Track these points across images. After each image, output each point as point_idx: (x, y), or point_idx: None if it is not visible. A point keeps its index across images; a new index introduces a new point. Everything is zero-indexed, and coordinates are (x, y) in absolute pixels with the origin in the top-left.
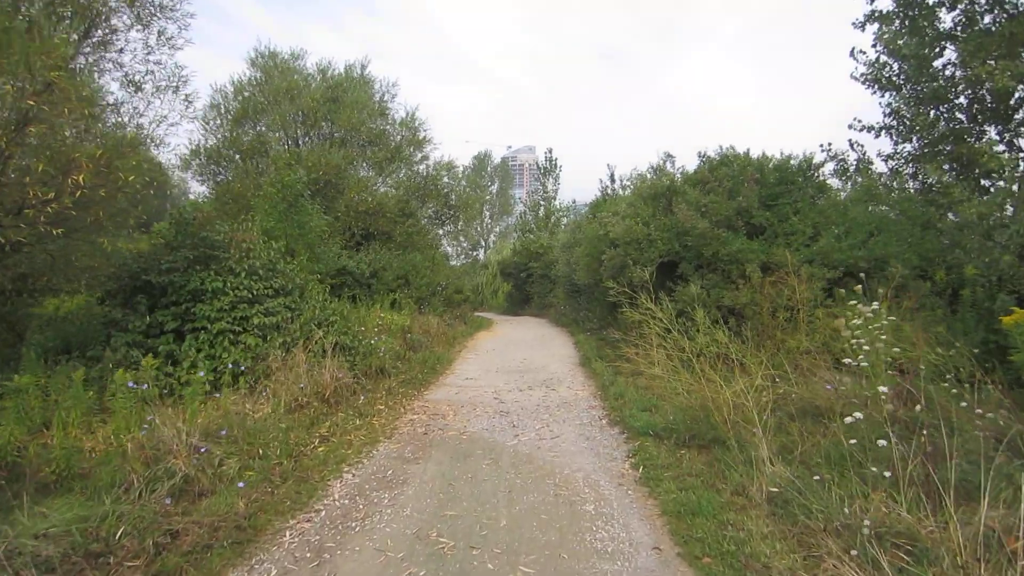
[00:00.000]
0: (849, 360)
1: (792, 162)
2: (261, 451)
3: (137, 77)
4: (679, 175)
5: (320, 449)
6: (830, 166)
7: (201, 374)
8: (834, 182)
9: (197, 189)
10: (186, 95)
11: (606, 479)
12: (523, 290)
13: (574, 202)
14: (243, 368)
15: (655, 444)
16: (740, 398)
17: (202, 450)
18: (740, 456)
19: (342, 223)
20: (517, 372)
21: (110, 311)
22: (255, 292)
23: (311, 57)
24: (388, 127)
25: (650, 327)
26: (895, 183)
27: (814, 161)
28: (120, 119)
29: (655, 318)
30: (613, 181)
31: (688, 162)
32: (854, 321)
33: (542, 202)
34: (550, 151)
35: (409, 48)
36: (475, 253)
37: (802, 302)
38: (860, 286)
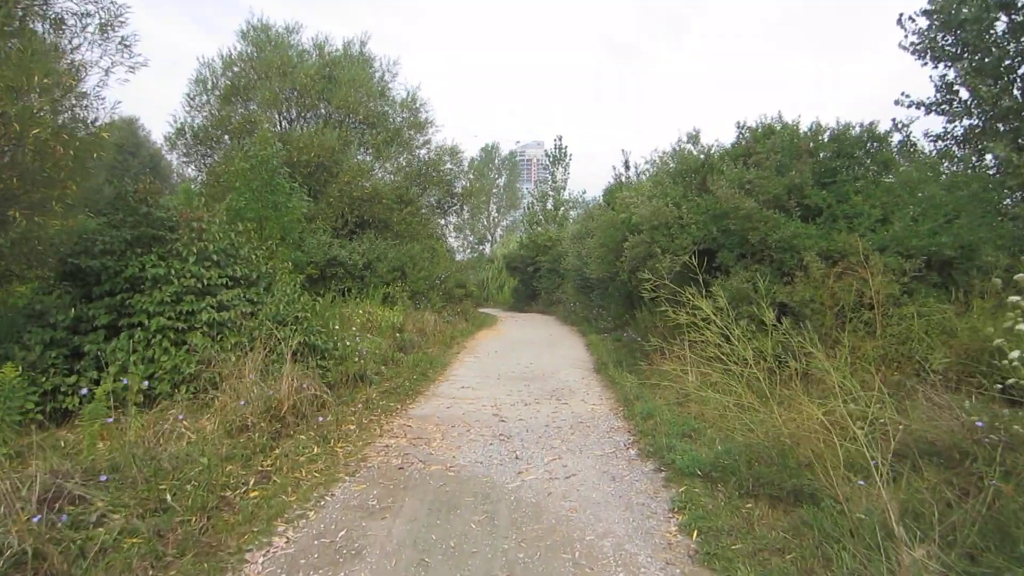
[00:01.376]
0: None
1: (851, 132)
2: (169, 497)
3: (66, 17)
4: (715, 149)
5: (254, 494)
6: (897, 137)
7: (124, 382)
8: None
9: (191, 173)
10: (122, 37)
11: (647, 552)
12: (530, 285)
13: (584, 193)
14: (185, 375)
15: (707, 490)
16: (833, 427)
17: (62, 517)
18: (845, 522)
19: (335, 209)
20: (522, 380)
21: (32, 302)
22: (207, 281)
23: (307, 31)
24: (388, 108)
25: (691, 329)
26: (949, 163)
27: (877, 131)
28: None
29: (700, 319)
30: (628, 168)
31: (713, 143)
32: (1021, 326)
33: (550, 193)
34: (559, 138)
35: (418, 42)
36: (481, 247)
37: (879, 298)
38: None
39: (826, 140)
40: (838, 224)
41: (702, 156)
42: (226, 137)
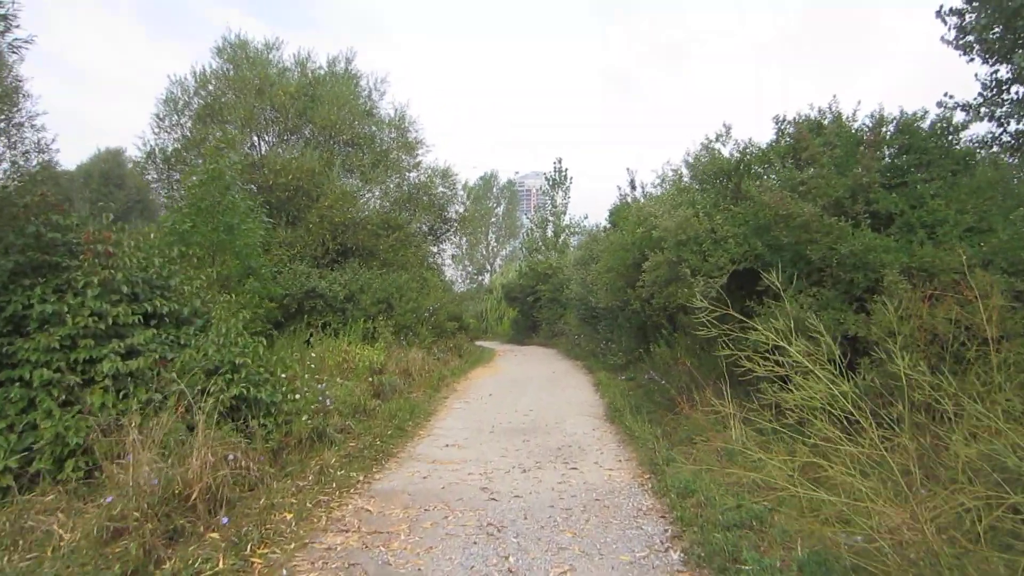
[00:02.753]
0: None
1: (920, 124)
2: None
3: None
4: (750, 151)
5: None
6: (981, 128)
7: None
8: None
9: (162, 200)
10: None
11: None
12: (530, 316)
13: (586, 218)
14: (72, 447)
15: None
16: None
17: None
18: None
19: (315, 236)
20: (520, 433)
21: None
22: (112, 320)
23: (289, 47)
24: (375, 128)
25: (735, 368)
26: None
27: (954, 121)
28: None
29: (757, 356)
30: (634, 187)
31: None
32: None
33: (550, 218)
34: (559, 161)
35: (414, 73)
36: (480, 278)
37: (993, 328)
38: None
39: (891, 133)
40: (916, 234)
41: (735, 155)
42: (200, 161)
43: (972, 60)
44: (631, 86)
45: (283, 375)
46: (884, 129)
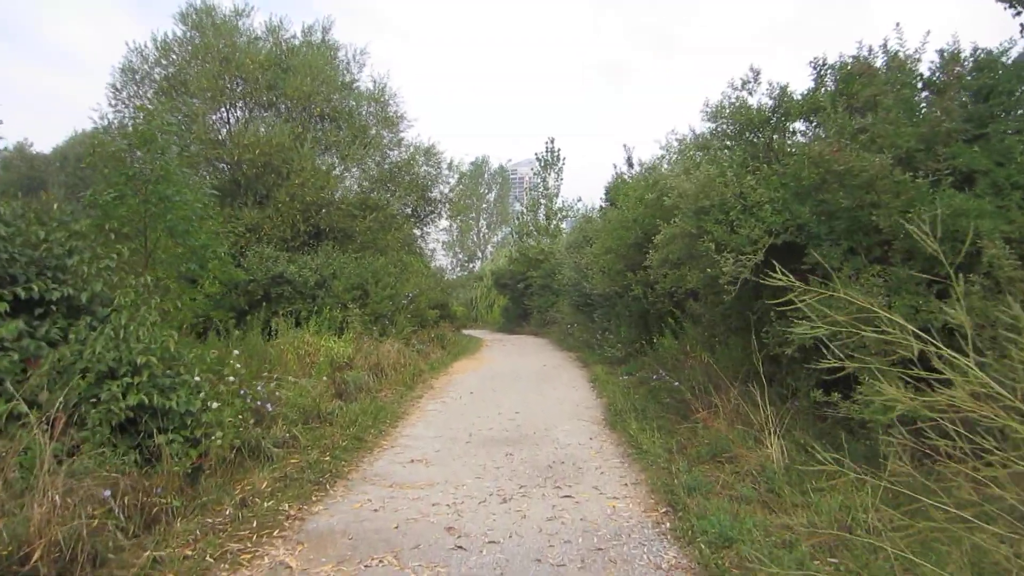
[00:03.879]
0: None
1: (1004, 59)
2: None
3: None
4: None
5: None
6: None
7: None
8: None
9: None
10: None
11: None
12: (521, 304)
13: (579, 200)
14: None
15: None
16: None
17: None
18: None
19: (285, 217)
20: (502, 443)
21: None
22: None
23: (259, 16)
24: (354, 103)
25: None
26: None
27: None
28: None
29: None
30: (631, 165)
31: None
32: None
33: (542, 200)
34: (551, 140)
35: (407, 59)
36: (471, 265)
37: None
38: None
39: (967, 74)
40: (1008, 197)
41: (767, 103)
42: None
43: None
44: (624, 75)
45: (198, 376)
46: (958, 68)
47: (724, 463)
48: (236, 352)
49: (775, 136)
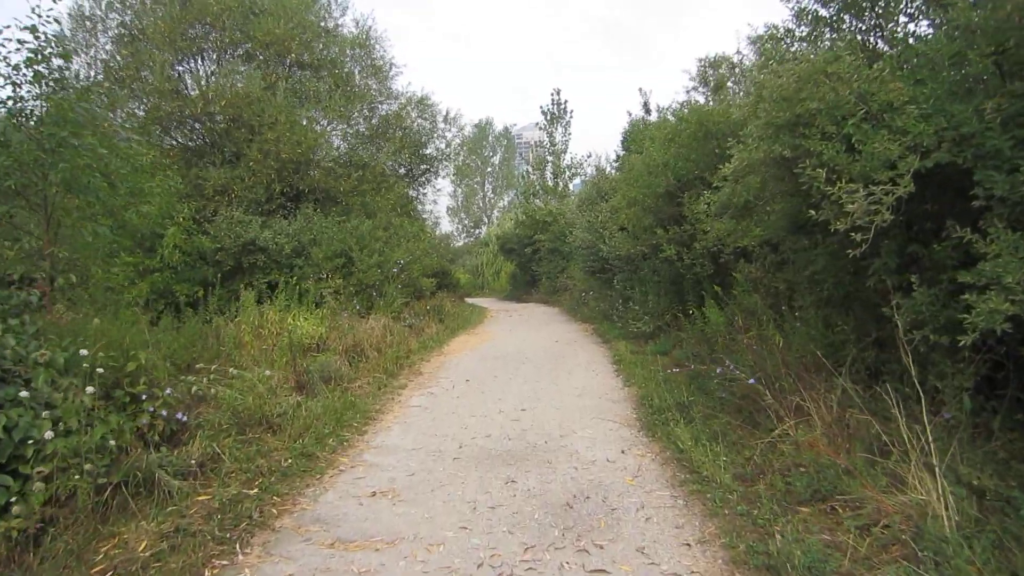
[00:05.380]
0: None
1: None
2: None
3: None
4: None
5: None
6: None
7: None
8: None
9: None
10: None
11: None
12: (528, 270)
13: (589, 156)
14: None
15: None
16: None
17: None
18: None
19: (258, 177)
20: (502, 462)
21: None
22: None
23: None
24: (336, 50)
25: None
26: None
27: None
28: None
29: None
30: (648, 111)
31: None
32: None
33: (549, 158)
34: (558, 92)
35: (406, 24)
36: (477, 231)
37: None
38: None
39: None
40: None
41: None
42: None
43: None
44: (630, 38)
45: (44, 384)
46: None
47: (839, 509)
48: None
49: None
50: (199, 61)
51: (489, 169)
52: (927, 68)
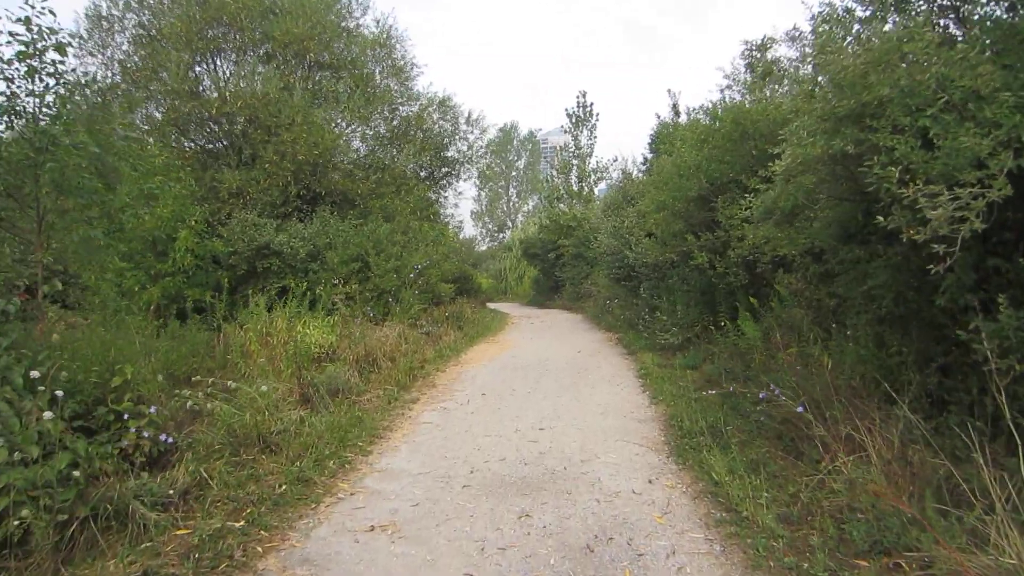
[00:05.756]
0: None
1: None
2: None
3: None
4: None
5: None
6: None
7: None
8: None
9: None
10: None
11: None
12: (552, 275)
13: (615, 160)
14: None
15: None
16: None
17: None
18: None
19: (274, 180)
20: (516, 491)
21: None
22: None
23: None
24: (356, 49)
25: None
26: None
27: None
28: None
29: None
30: (678, 114)
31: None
32: None
33: (574, 161)
34: (583, 94)
35: (433, 30)
36: (501, 235)
37: None
38: None
39: None
40: None
41: None
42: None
43: None
44: (654, 41)
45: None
46: None
47: (905, 567)
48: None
49: None
50: (217, 62)
51: (514, 173)
52: (1017, 52)
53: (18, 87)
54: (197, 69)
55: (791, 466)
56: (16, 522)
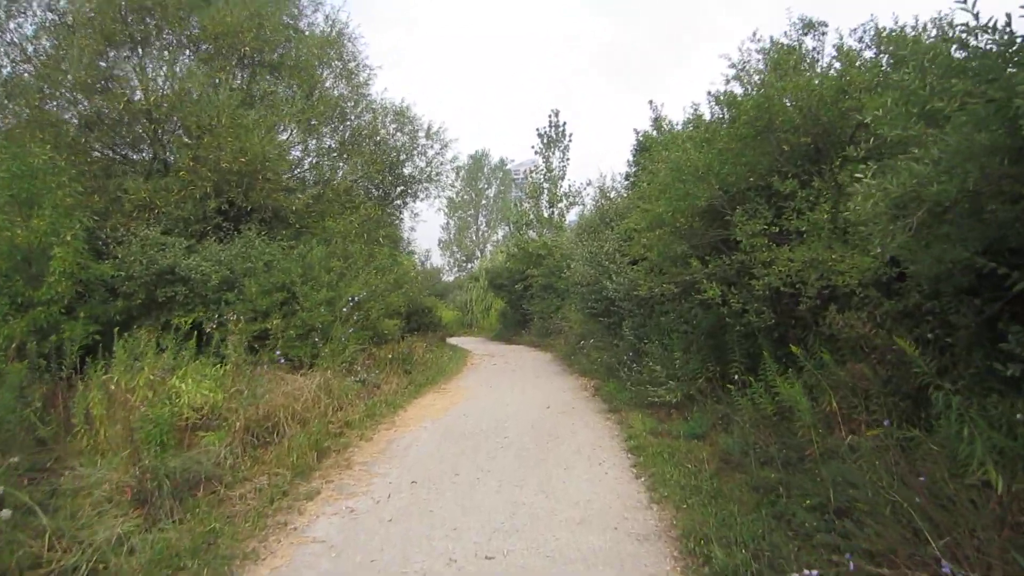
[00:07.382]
0: None
1: None
2: None
3: None
4: None
5: None
6: None
7: None
8: None
9: None
10: None
11: None
12: (519, 308)
13: (588, 184)
14: None
15: None
16: None
17: None
18: None
19: (191, 190)
20: None
21: None
22: None
23: None
24: (304, 50)
25: None
26: None
27: None
28: None
29: None
30: (660, 130)
31: None
32: None
33: (545, 184)
34: (555, 113)
35: (407, 55)
36: (470, 265)
37: None
38: None
39: None
40: None
41: None
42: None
43: None
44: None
45: None
46: None
47: None
48: None
49: None
50: (137, 53)
51: (484, 202)
52: None
53: None
54: (111, 59)
55: None
56: None
